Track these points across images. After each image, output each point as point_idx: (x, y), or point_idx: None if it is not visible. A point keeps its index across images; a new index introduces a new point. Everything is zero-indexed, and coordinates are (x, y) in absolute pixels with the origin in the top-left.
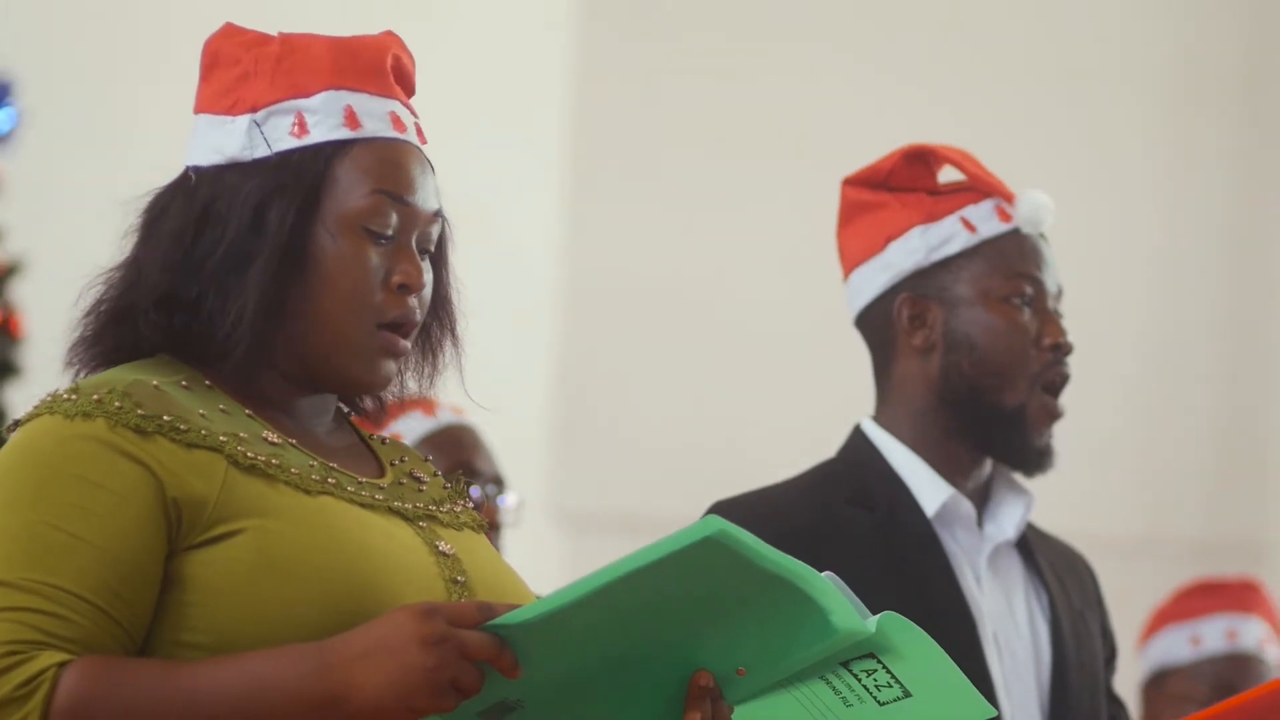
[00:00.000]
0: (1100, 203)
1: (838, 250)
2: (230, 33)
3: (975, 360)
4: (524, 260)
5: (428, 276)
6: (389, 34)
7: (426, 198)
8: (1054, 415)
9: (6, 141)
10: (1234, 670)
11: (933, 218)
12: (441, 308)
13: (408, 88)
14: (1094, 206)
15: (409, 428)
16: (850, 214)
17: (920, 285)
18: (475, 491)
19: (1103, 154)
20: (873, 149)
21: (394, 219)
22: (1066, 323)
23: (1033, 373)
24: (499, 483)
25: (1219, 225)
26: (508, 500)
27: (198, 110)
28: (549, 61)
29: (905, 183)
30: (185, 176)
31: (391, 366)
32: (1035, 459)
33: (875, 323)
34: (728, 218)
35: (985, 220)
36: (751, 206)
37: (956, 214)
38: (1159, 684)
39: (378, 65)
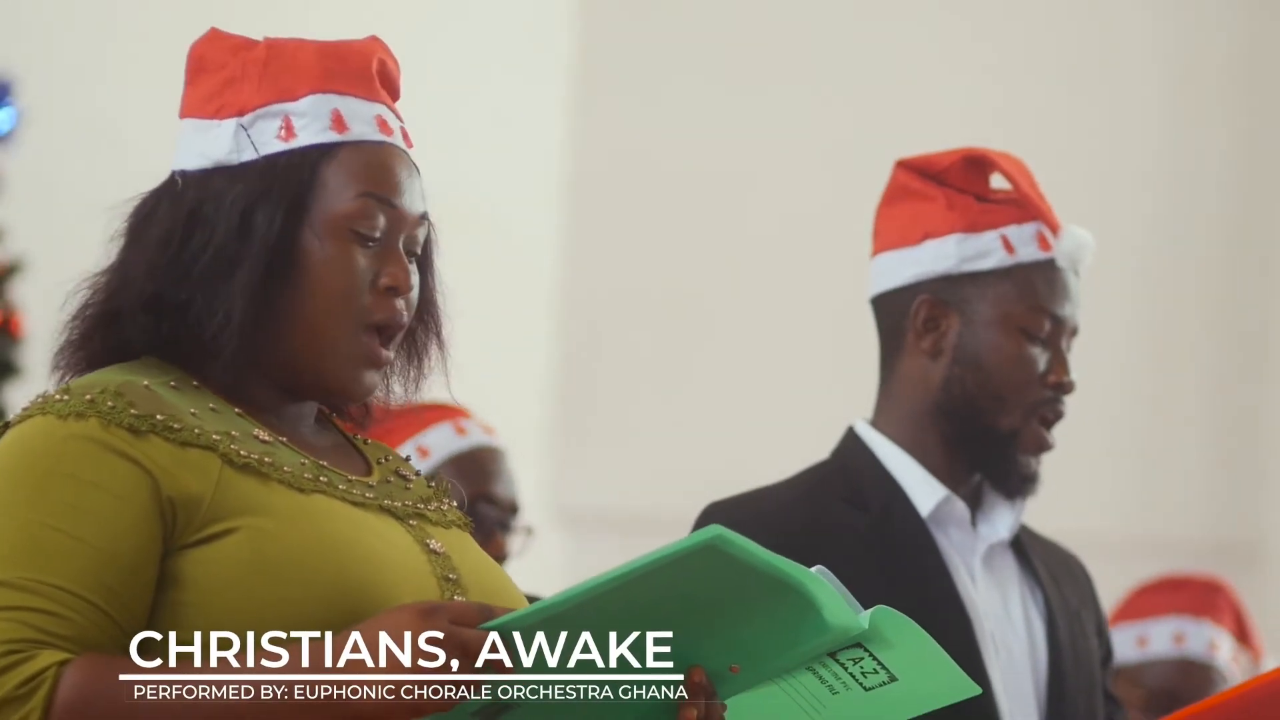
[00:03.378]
0: (1099, 200)
1: (873, 226)
2: (215, 37)
3: (979, 380)
4: (524, 260)
5: (414, 279)
6: (374, 39)
7: (413, 200)
8: (1045, 446)
9: (6, 141)
10: (1179, 676)
11: (974, 228)
12: (427, 311)
13: (393, 92)
14: (1092, 203)
15: (438, 442)
16: (896, 196)
17: (944, 290)
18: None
19: (1101, 151)
20: (873, 149)
21: (381, 221)
22: None
23: (1031, 404)
24: (514, 510)
25: (1219, 223)
26: (515, 530)
27: (184, 115)
28: (549, 61)
29: (958, 182)
30: (172, 180)
31: (374, 377)
32: (1020, 483)
33: (890, 311)
34: (728, 219)
35: (1025, 244)
36: (751, 207)
37: (998, 230)
38: None
39: (364, 69)
